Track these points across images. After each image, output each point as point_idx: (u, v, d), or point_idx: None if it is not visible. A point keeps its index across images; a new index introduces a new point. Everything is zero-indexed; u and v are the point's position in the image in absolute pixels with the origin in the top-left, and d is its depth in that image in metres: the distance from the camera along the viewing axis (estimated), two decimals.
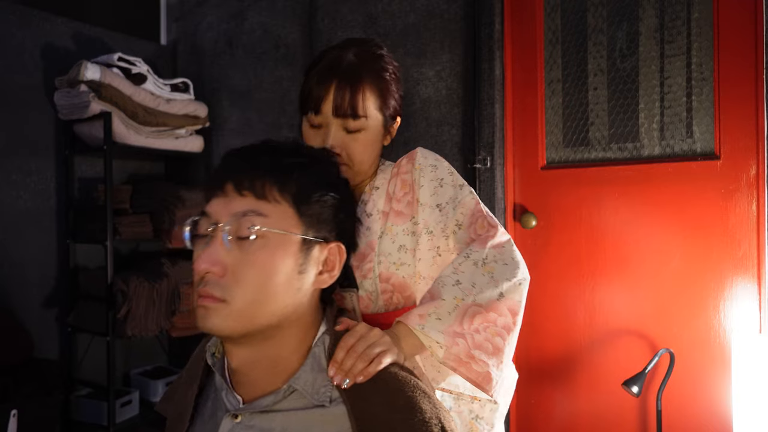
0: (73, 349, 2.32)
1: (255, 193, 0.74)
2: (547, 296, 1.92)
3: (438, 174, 1.05)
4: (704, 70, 1.70)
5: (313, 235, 0.77)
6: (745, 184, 1.63)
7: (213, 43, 2.64)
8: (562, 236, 1.90)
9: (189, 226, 0.77)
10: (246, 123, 2.53)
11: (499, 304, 0.93)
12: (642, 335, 1.77)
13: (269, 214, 0.74)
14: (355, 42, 1.05)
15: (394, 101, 1.05)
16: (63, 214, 2.27)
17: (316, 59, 1.04)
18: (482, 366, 0.89)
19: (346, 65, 1.00)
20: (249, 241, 0.72)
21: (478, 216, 1.01)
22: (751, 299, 1.62)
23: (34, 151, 2.19)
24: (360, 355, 0.78)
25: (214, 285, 0.72)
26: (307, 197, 0.77)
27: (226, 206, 0.75)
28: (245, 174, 0.75)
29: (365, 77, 1.00)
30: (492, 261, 0.96)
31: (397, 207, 1.05)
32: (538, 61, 1.96)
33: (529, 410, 1.95)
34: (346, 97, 0.98)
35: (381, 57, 1.04)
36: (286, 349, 0.78)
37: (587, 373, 1.86)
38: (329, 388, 0.76)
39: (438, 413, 0.75)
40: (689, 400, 1.69)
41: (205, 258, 0.72)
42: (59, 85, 2.18)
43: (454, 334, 0.89)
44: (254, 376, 0.78)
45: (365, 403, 0.74)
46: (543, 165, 1.96)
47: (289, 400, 0.76)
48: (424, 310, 0.91)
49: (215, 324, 0.72)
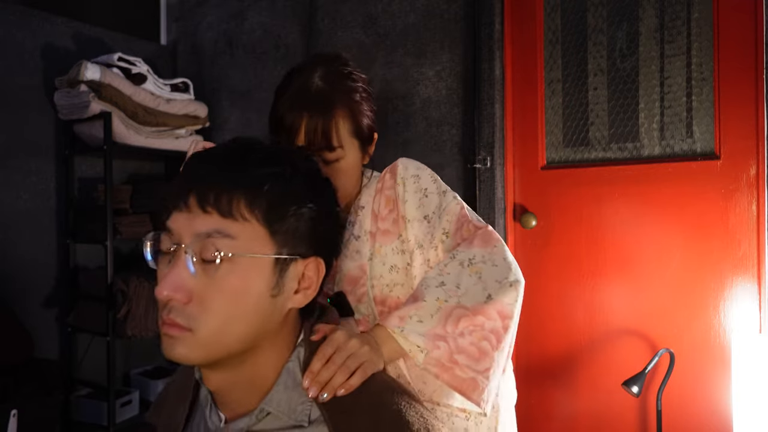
0: (73, 349, 2.32)
1: (220, 211, 0.65)
2: (547, 296, 1.92)
3: (421, 184, 1.02)
4: (704, 70, 1.70)
5: (288, 253, 0.69)
6: (745, 184, 1.63)
7: (213, 43, 2.64)
8: (562, 236, 1.90)
9: (150, 241, 0.70)
10: (246, 123, 2.53)
11: (486, 306, 0.88)
12: (642, 335, 1.77)
13: (236, 235, 0.65)
14: (322, 61, 1.01)
15: (368, 120, 1.02)
16: (63, 214, 2.27)
17: (285, 82, 1.00)
18: (466, 372, 0.84)
19: (315, 93, 0.96)
20: (215, 264, 0.65)
21: (463, 221, 0.98)
22: (751, 299, 1.62)
23: (34, 151, 2.19)
24: (339, 366, 0.73)
25: (179, 313, 0.65)
26: (281, 212, 0.68)
27: (189, 223, 0.66)
28: (210, 186, 0.66)
29: (336, 104, 0.96)
30: (480, 261, 0.92)
31: (383, 226, 1.02)
32: (538, 61, 1.96)
33: (529, 410, 1.95)
34: (318, 129, 0.95)
35: (349, 76, 1.01)
36: (262, 368, 0.72)
37: (587, 373, 1.86)
38: (307, 405, 0.70)
39: (426, 423, 0.70)
40: (689, 400, 1.69)
41: (167, 284, 0.64)
42: (59, 85, 2.18)
43: (436, 336, 0.84)
44: (233, 396, 0.73)
45: (348, 420, 0.69)
46: (543, 165, 1.96)
47: (267, 421, 0.70)
48: (405, 312, 0.87)
49: (182, 354, 0.65)
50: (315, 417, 0.70)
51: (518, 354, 1.95)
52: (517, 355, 1.95)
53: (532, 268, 1.93)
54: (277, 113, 0.99)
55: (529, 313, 1.82)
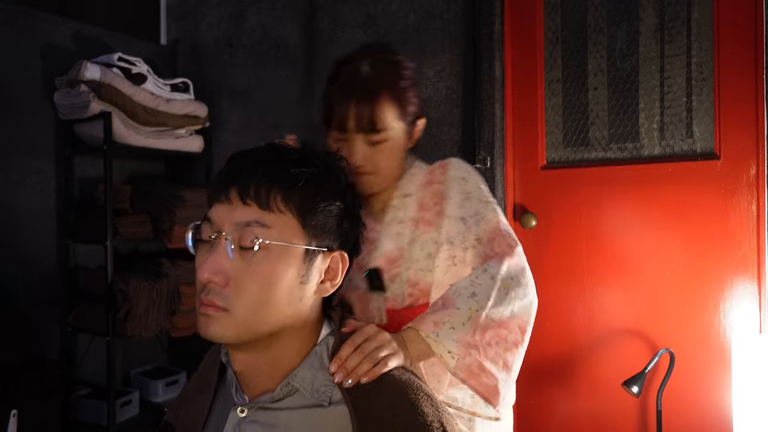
0: (73, 349, 2.31)
1: (259, 203, 0.74)
2: (547, 296, 1.92)
3: (467, 188, 1.08)
4: (704, 70, 1.70)
5: (317, 245, 0.77)
6: (745, 184, 1.63)
7: (213, 43, 2.64)
8: (562, 236, 1.90)
9: (192, 230, 0.77)
10: (246, 123, 2.53)
11: (510, 321, 0.95)
12: (642, 335, 1.77)
13: (273, 225, 0.74)
14: (370, 51, 1.07)
15: (413, 106, 1.08)
16: (63, 214, 2.27)
17: (334, 73, 1.07)
18: (492, 379, 0.91)
19: (362, 80, 1.03)
20: (252, 251, 0.72)
21: (497, 234, 1.05)
22: (751, 299, 1.62)
23: (34, 151, 2.19)
24: (366, 355, 0.78)
25: (217, 294, 0.72)
26: (312, 207, 0.76)
27: (230, 214, 0.74)
28: (250, 181, 0.74)
29: (382, 90, 1.02)
30: (508, 278, 0.99)
31: (427, 216, 1.09)
32: (538, 61, 1.96)
33: (529, 410, 1.95)
34: (365, 113, 1.01)
35: (397, 64, 1.07)
36: (287, 354, 0.78)
37: (587, 373, 1.86)
38: (330, 387, 0.76)
39: (440, 416, 0.75)
40: (689, 400, 1.69)
41: (208, 267, 0.72)
42: (59, 85, 2.18)
43: (468, 344, 0.90)
44: (257, 379, 0.79)
45: (368, 404, 0.74)
46: (543, 165, 1.96)
47: (293, 398, 0.77)
48: (439, 317, 0.92)
49: (216, 332, 0.73)
50: (336, 399, 0.76)
51: None
52: None
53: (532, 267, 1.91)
54: (327, 100, 1.06)
55: None
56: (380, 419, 0.73)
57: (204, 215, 0.78)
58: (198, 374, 0.94)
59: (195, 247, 0.77)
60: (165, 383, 2.44)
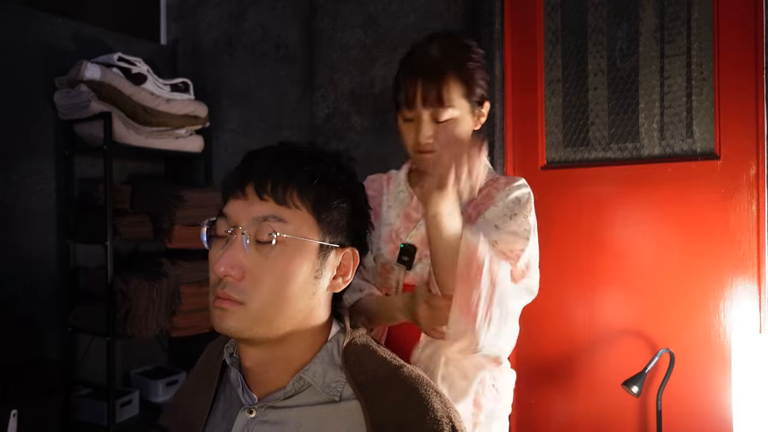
0: (73, 349, 2.32)
1: (276, 198, 0.75)
2: (547, 296, 1.92)
3: (515, 209, 1.10)
4: (704, 70, 1.70)
5: (330, 241, 0.79)
6: (745, 184, 1.63)
7: (213, 43, 2.64)
8: (562, 236, 1.90)
9: (207, 226, 0.78)
10: (246, 123, 2.53)
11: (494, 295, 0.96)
12: (642, 335, 1.77)
13: (289, 220, 0.75)
14: (440, 36, 1.13)
15: (479, 88, 1.11)
16: (63, 214, 2.27)
17: (406, 57, 1.13)
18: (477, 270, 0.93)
19: (430, 59, 1.08)
20: (268, 245, 0.74)
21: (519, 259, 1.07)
22: (751, 299, 1.62)
23: (34, 151, 2.20)
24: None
25: (233, 288, 0.73)
26: (327, 204, 0.78)
27: (247, 209, 0.75)
28: (267, 178, 0.76)
29: (449, 69, 1.07)
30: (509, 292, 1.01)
31: (473, 212, 1.12)
32: (538, 61, 1.96)
33: (529, 410, 1.95)
34: (432, 89, 1.06)
35: (465, 47, 1.12)
36: (298, 350, 0.79)
37: (587, 373, 1.86)
38: (341, 383, 0.77)
39: (449, 412, 0.77)
40: (689, 400, 1.69)
41: (225, 260, 0.73)
42: (59, 85, 2.18)
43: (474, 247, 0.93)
44: (267, 376, 0.80)
45: (380, 400, 0.75)
46: (543, 165, 1.96)
47: (304, 394, 0.78)
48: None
49: (232, 326, 0.74)
50: (347, 395, 0.77)
51: (518, 354, 1.95)
52: (518, 354, 1.95)
53: None
54: (398, 79, 1.11)
55: (529, 313, 1.82)
56: (392, 414, 0.74)
57: (218, 211, 0.79)
58: (194, 376, 0.93)
59: (209, 243, 0.78)
60: (165, 383, 2.44)
